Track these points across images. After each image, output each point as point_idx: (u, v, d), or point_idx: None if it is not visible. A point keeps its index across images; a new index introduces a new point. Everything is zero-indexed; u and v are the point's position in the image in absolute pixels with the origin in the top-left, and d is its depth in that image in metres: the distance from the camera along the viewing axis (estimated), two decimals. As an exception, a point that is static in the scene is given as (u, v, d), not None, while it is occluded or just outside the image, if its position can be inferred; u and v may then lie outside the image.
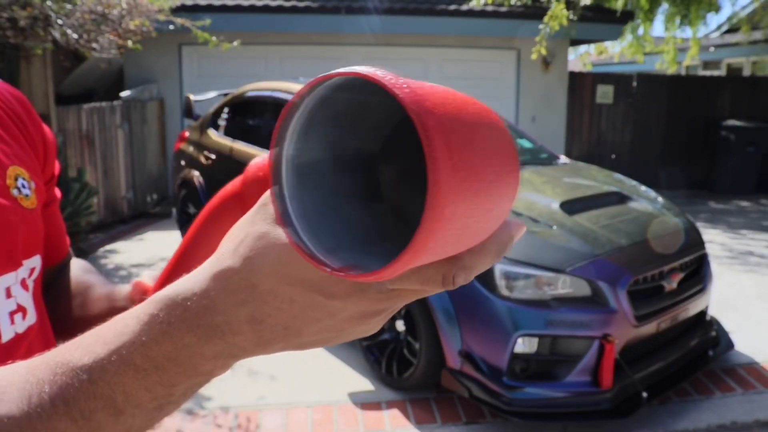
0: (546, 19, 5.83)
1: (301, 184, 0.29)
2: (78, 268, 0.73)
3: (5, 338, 0.52)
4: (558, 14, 5.66)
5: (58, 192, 0.68)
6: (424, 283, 0.28)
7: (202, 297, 0.30)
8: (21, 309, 0.54)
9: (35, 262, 0.56)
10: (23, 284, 0.54)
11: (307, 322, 0.30)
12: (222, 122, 4.35)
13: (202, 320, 0.30)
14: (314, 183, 0.29)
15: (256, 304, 0.30)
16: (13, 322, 0.53)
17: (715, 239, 5.30)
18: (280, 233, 0.29)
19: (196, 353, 0.30)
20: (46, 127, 0.64)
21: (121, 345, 0.31)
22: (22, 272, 0.54)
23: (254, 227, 0.30)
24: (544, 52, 5.93)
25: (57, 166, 0.66)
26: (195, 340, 0.30)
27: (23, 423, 0.30)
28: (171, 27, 4.61)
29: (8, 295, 0.52)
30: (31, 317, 0.55)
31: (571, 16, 5.84)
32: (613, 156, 7.59)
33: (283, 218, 0.28)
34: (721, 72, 11.40)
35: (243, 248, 0.30)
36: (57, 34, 3.44)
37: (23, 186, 0.55)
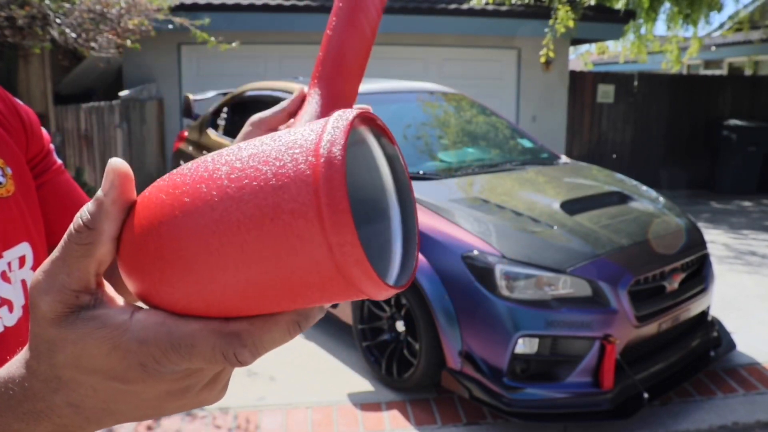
0: (551, 22, 5.84)
1: None
2: None
3: None
4: (564, 17, 5.68)
5: (57, 160, 0.66)
6: (207, 362, 0.28)
7: (20, 386, 0.31)
8: (5, 302, 0.52)
9: (22, 250, 0.54)
10: (4, 277, 0.52)
11: (119, 402, 0.31)
12: (221, 122, 4.34)
13: (25, 407, 0.31)
14: None
15: (67, 391, 0.31)
16: None
17: (716, 239, 5.29)
18: (63, 332, 0.30)
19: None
20: (22, 106, 0.62)
21: None
22: (2, 265, 0.52)
23: (39, 329, 0.31)
24: (552, 55, 5.95)
25: (46, 138, 0.64)
26: (24, 425, 0.31)
27: None
28: (170, 26, 4.60)
29: None
30: (19, 311, 0.54)
31: (572, 15, 5.84)
32: (614, 156, 7.58)
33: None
34: (723, 71, 11.39)
35: (37, 348, 0.31)
36: (55, 33, 3.43)
37: None
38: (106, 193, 0.30)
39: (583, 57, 11.46)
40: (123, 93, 5.96)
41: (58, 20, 3.42)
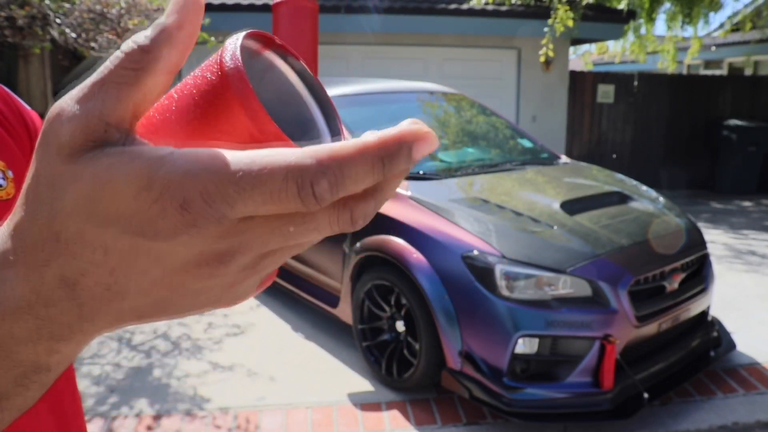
0: (551, 21, 5.84)
1: None
2: None
3: None
4: (563, 17, 5.69)
5: None
6: (269, 198, 0.21)
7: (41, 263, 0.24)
8: None
9: None
10: None
11: (131, 275, 0.23)
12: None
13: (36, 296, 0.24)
14: None
15: (63, 260, 0.23)
16: None
17: (716, 239, 5.29)
18: (79, 167, 0.23)
19: (5, 335, 0.25)
20: (27, 111, 0.61)
21: None
22: None
23: (46, 164, 0.24)
24: (551, 54, 5.95)
25: None
26: None
27: None
28: (170, 26, 4.58)
29: None
30: None
31: (573, 16, 5.85)
32: (614, 156, 7.58)
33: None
34: (723, 71, 11.38)
35: (36, 190, 0.24)
36: (55, 33, 3.43)
37: None
38: (170, 16, 0.24)
39: (583, 57, 11.46)
40: (123, 93, 5.95)
41: (58, 20, 3.42)
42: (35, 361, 0.26)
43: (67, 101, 0.24)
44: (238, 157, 0.22)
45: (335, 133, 0.29)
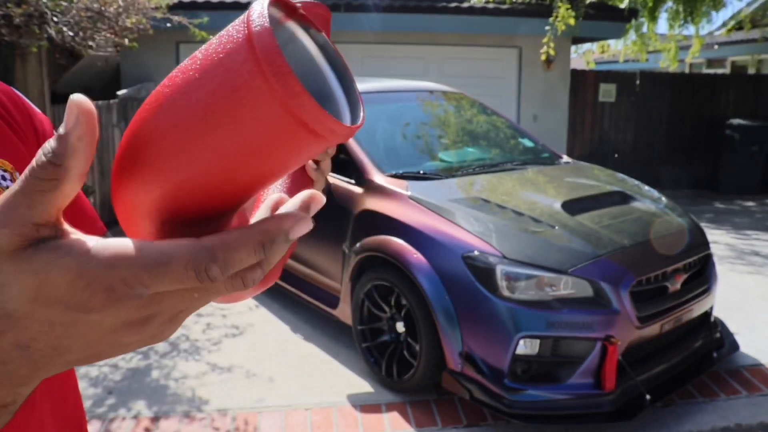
0: (552, 19, 5.82)
1: None
2: None
3: None
4: (564, 15, 5.67)
5: None
6: (178, 279, 0.27)
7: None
8: None
9: None
10: None
11: (72, 338, 0.29)
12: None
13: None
14: None
15: (17, 331, 0.29)
16: None
17: (719, 239, 5.26)
18: (22, 264, 0.28)
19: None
20: (37, 113, 0.64)
21: None
22: None
23: None
24: (553, 53, 5.92)
25: None
26: None
27: None
28: (168, 25, 4.58)
29: None
30: None
31: (572, 14, 5.83)
32: (616, 155, 7.55)
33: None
34: (726, 70, 11.35)
35: None
36: (53, 32, 3.41)
37: (3, 178, 0.55)
38: (70, 129, 0.28)
39: (585, 56, 11.43)
40: (121, 92, 5.94)
41: (55, 19, 3.40)
42: (2, 404, 0.31)
43: None
44: (149, 250, 0.27)
45: (354, 104, 0.31)
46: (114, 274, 0.27)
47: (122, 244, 0.28)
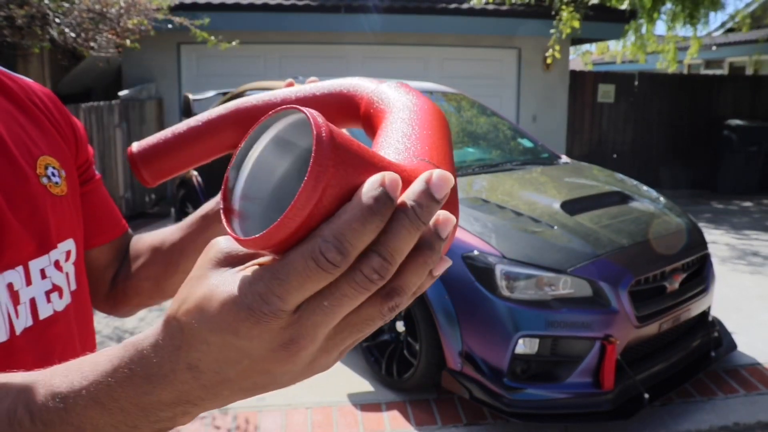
0: (556, 23, 5.84)
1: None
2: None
3: (43, 315, 0.56)
4: (568, 18, 5.69)
5: (97, 173, 0.73)
6: (303, 276, 0.27)
7: (154, 345, 0.32)
8: (57, 288, 0.58)
9: (69, 245, 0.61)
10: (57, 266, 0.59)
11: (230, 365, 0.30)
12: (221, 121, 4.32)
13: (155, 369, 0.31)
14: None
15: (186, 349, 0.30)
16: (49, 300, 0.57)
17: (717, 239, 5.28)
18: (212, 276, 0.30)
19: (155, 400, 0.32)
20: (75, 119, 0.69)
21: (92, 381, 0.33)
22: (56, 254, 0.59)
23: (195, 270, 0.32)
24: (558, 56, 5.94)
25: (90, 150, 0.72)
26: (151, 388, 0.31)
27: None
28: (169, 26, 4.59)
29: (43, 276, 0.57)
30: (68, 297, 0.60)
31: (577, 16, 5.85)
32: (615, 155, 7.57)
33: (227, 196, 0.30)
34: (724, 71, 11.37)
35: (181, 291, 0.32)
36: (55, 33, 3.42)
37: (53, 174, 0.60)
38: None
39: (583, 57, 11.44)
40: (122, 93, 5.95)
41: (57, 20, 3.41)
42: (173, 419, 0.33)
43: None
44: (276, 262, 0.28)
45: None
46: (251, 290, 0.28)
47: (258, 266, 0.29)
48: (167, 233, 0.72)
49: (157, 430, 0.34)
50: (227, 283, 0.29)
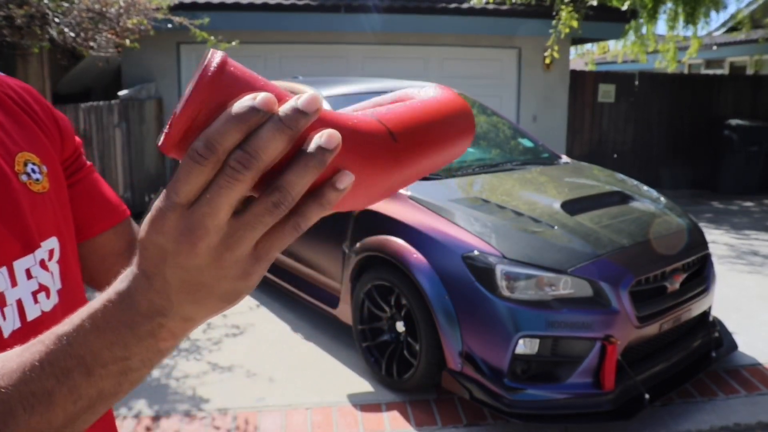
0: (555, 22, 5.83)
1: None
2: None
3: (30, 317, 0.56)
4: (567, 18, 5.69)
5: (87, 162, 0.72)
6: (185, 170, 0.32)
7: (131, 266, 0.37)
8: (44, 289, 0.58)
9: (52, 243, 0.60)
10: (42, 265, 0.58)
11: (161, 264, 0.35)
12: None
13: (126, 284, 0.37)
14: None
15: (138, 258, 0.36)
16: (36, 301, 0.57)
17: (718, 239, 5.27)
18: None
19: (134, 312, 0.36)
20: (57, 112, 0.68)
21: (89, 312, 0.37)
22: (41, 254, 0.57)
23: None
24: (557, 56, 5.93)
25: (77, 141, 0.70)
26: (130, 301, 0.37)
27: (20, 385, 0.37)
28: (169, 25, 4.58)
29: (29, 276, 0.56)
30: (55, 297, 0.59)
31: (576, 16, 5.85)
32: (615, 155, 7.56)
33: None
34: (724, 70, 11.35)
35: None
36: (54, 33, 3.41)
37: (33, 171, 0.58)
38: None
39: (584, 56, 11.43)
40: (122, 92, 5.94)
41: (56, 19, 3.41)
42: (154, 334, 0.37)
43: None
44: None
45: None
46: (163, 192, 0.34)
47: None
48: None
49: (146, 354, 0.37)
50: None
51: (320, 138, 0.33)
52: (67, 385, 0.37)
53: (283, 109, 0.33)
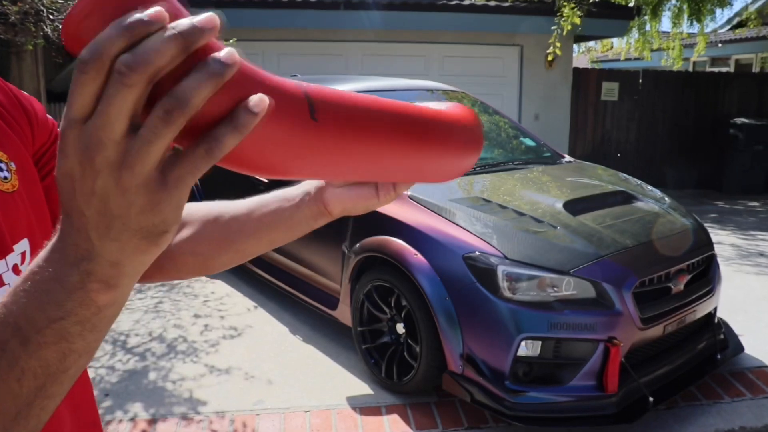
0: (557, 19, 5.80)
1: None
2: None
3: None
4: (569, 14, 5.66)
5: None
6: (80, 75, 0.31)
7: (61, 208, 0.35)
8: None
9: (24, 246, 0.56)
10: (15, 270, 0.55)
11: (72, 193, 0.33)
12: (220, 120, 4.29)
13: (62, 228, 0.35)
14: None
15: (60, 195, 0.34)
16: None
17: (723, 240, 5.22)
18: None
19: (63, 263, 0.35)
20: (25, 96, 0.63)
21: (28, 272, 0.36)
22: (13, 258, 0.54)
23: None
24: (559, 53, 5.90)
25: (52, 122, 0.66)
26: (60, 245, 0.35)
27: None
28: (168, 23, 4.54)
29: (1, 283, 0.53)
30: None
31: (578, 13, 5.81)
32: (618, 155, 7.51)
33: None
34: (730, 68, 11.28)
35: None
36: (48, 30, 3.38)
37: (0, 169, 0.55)
38: None
39: (588, 53, 11.38)
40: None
41: (51, 16, 3.38)
42: (80, 283, 0.35)
43: None
44: None
45: None
46: (65, 113, 0.32)
47: None
48: (226, 206, 0.66)
49: (81, 311, 0.35)
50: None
51: (220, 53, 0.33)
52: (6, 358, 0.35)
53: (178, 21, 0.32)
